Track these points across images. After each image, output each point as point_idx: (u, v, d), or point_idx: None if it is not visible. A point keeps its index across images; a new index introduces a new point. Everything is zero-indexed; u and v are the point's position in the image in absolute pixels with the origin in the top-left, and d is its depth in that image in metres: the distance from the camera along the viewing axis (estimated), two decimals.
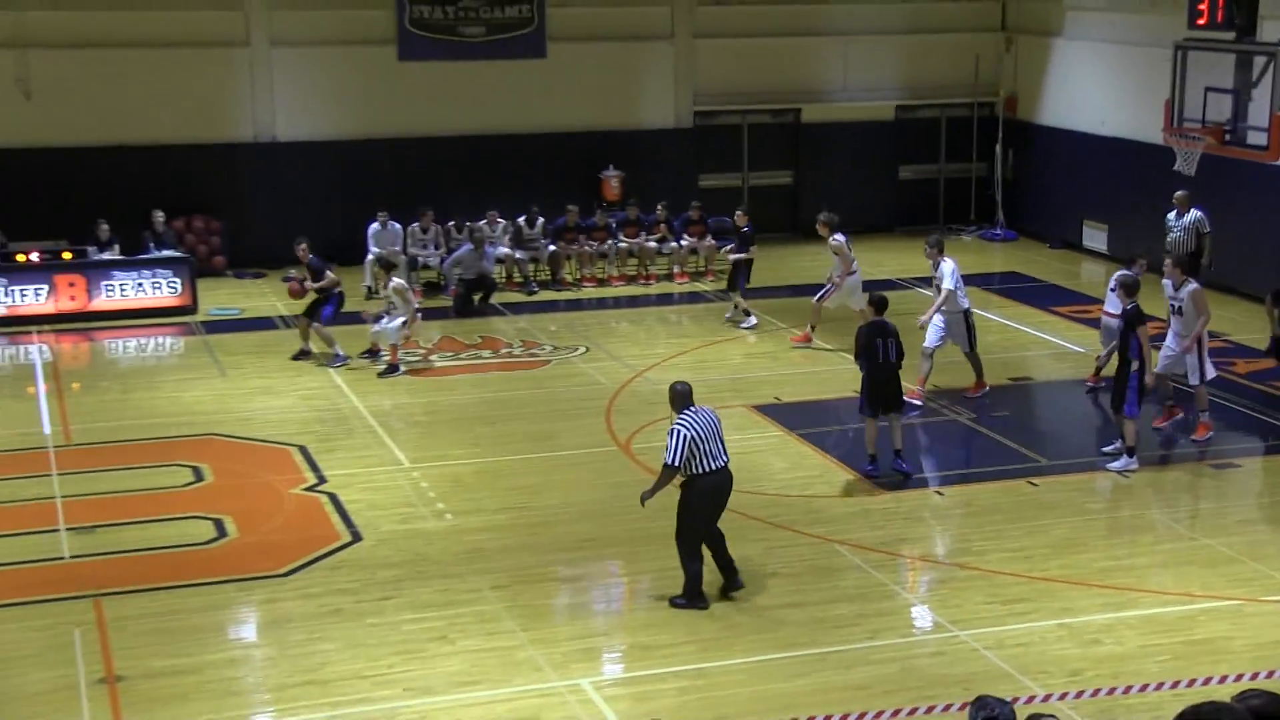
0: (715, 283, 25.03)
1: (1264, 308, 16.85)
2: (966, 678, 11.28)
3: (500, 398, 18.76)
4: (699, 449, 12.37)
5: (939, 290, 18.41)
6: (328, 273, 20.55)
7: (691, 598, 12.74)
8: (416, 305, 20.69)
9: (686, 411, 12.55)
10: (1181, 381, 17.01)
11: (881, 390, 15.65)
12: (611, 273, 25.38)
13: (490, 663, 11.71)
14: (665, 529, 14.27)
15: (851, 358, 16.93)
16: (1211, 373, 16.87)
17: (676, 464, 12.41)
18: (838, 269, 20.98)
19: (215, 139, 25.92)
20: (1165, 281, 17.06)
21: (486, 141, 26.93)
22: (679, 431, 12.38)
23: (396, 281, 20.31)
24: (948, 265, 18.36)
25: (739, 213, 22.83)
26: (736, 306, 22.53)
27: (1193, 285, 16.76)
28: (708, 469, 12.45)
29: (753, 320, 22.33)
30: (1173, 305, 16.92)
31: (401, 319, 19.93)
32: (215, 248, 25.68)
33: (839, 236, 20.83)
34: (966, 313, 18.52)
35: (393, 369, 19.80)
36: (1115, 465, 15.82)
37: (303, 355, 20.53)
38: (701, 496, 12.58)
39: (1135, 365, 15.54)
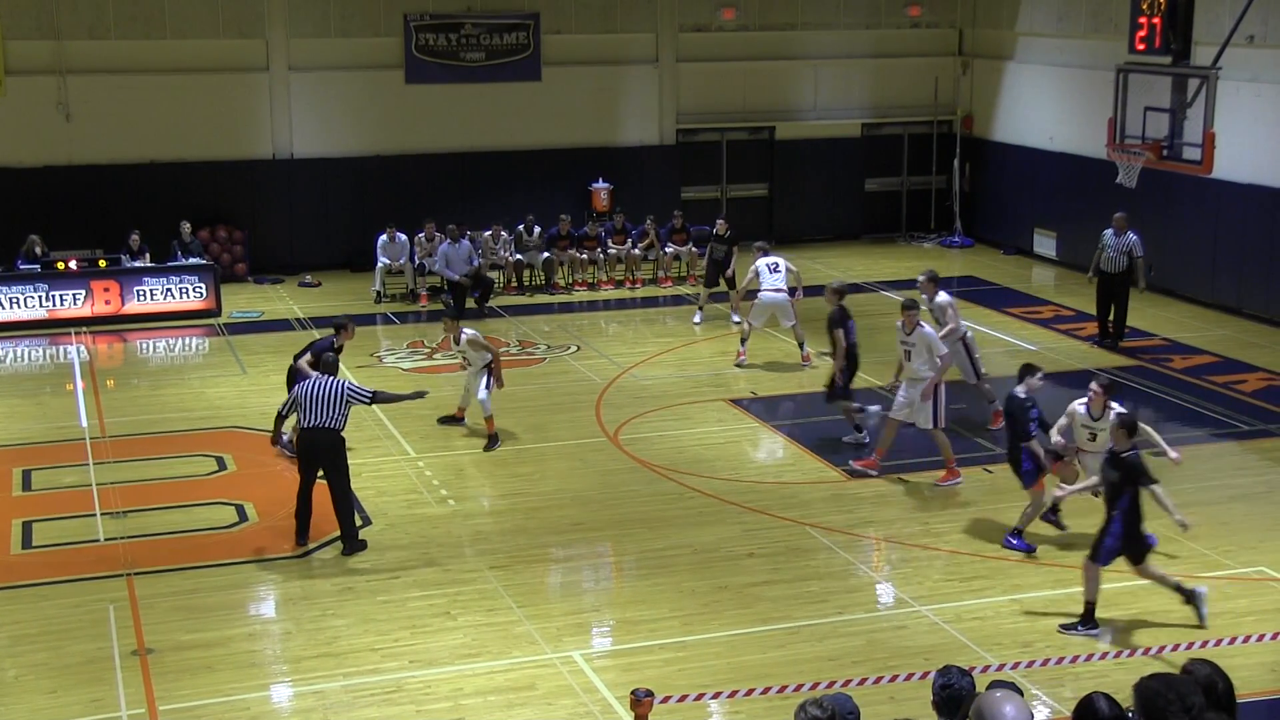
0: (697, 286, 25.00)
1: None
2: (927, 649, 11.27)
3: (498, 393, 18.67)
4: (301, 406, 13.41)
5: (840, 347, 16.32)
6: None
7: (300, 531, 13.66)
8: (488, 356, 16.67)
9: (317, 377, 13.65)
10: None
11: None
12: (601, 277, 25.32)
13: (490, 636, 11.68)
14: (649, 515, 14.30)
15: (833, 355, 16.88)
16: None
17: (282, 413, 14.06)
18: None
19: (238, 156, 25.83)
20: (921, 296, 17.21)
21: (486, 157, 26.87)
22: (295, 388, 13.86)
23: (468, 333, 16.61)
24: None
25: (721, 221, 22.91)
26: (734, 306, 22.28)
27: (943, 297, 17.01)
28: (305, 425, 13.49)
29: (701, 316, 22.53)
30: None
31: (483, 380, 16.66)
32: (237, 256, 25.58)
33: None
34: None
35: (493, 440, 16.68)
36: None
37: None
38: (301, 446, 13.72)
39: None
